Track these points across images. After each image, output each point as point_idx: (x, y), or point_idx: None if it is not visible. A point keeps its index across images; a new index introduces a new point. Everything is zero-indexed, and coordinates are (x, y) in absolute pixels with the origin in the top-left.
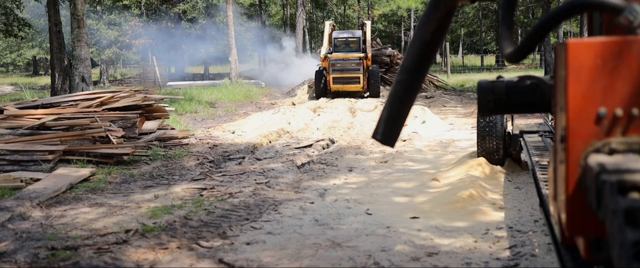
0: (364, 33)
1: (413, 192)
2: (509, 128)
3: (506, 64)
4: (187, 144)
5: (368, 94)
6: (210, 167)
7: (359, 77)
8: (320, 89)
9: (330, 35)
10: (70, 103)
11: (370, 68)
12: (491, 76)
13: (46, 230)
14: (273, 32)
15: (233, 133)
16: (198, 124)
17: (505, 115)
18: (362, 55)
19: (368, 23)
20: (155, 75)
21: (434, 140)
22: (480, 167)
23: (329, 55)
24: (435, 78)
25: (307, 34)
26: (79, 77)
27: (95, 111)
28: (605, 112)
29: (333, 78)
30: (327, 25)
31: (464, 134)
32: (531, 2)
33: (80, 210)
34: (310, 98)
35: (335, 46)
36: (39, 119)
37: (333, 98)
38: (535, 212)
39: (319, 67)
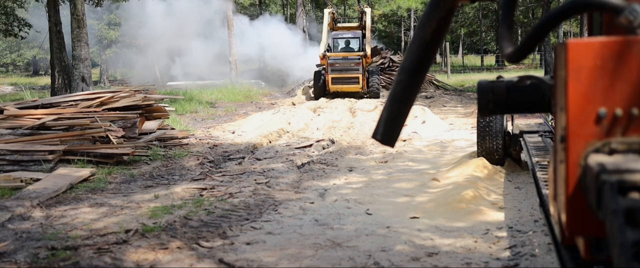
0: (364, 22)
1: (413, 192)
2: (509, 128)
3: (506, 64)
4: (187, 144)
5: (368, 94)
6: (210, 167)
7: (358, 77)
8: (319, 89)
9: (330, 24)
10: (70, 103)
11: (369, 67)
12: (491, 76)
13: (46, 230)
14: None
15: (233, 133)
16: (198, 124)
17: (505, 115)
18: (361, 53)
19: (368, 10)
20: (155, 75)
21: (434, 140)
22: (480, 167)
23: (327, 53)
24: (433, 78)
25: (307, 33)
26: (79, 77)
27: (95, 111)
28: (605, 112)
29: (332, 78)
30: (327, 13)
31: (464, 134)
32: (531, 2)
33: (80, 210)
34: (308, 99)
35: (334, 46)
36: (39, 119)
37: (332, 98)
38: (535, 212)
39: (319, 67)
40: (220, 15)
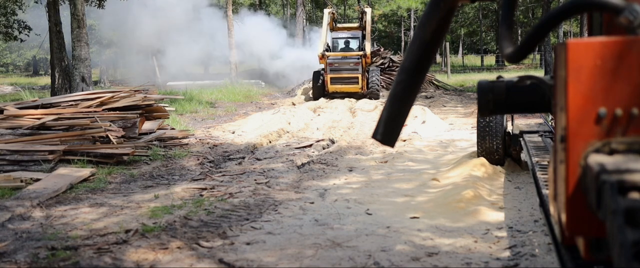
0: (364, 22)
1: (413, 192)
2: (509, 128)
3: (506, 64)
4: (187, 144)
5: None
6: (210, 167)
7: (357, 78)
8: (318, 89)
9: (330, 24)
10: (70, 103)
11: (369, 68)
12: (491, 76)
13: (46, 230)
14: None
15: (233, 133)
16: (198, 124)
17: (505, 115)
18: (361, 53)
19: (368, 11)
20: (155, 75)
21: (434, 140)
22: (480, 167)
23: (326, 53)
24: (433, 78)
25: (307, 34)
26: (79, 77)
27: (95, 111)
28: (605, 112)
29: (331, 78)
30: (327, 13)
31: (464, 133)
32: (531, 2)
33: (80, 210)
34: (308, 99)
35: (333, 46)
36: (39, 119)
37: (332, 98)
38: (535, 212)
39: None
40: (211, 14)
